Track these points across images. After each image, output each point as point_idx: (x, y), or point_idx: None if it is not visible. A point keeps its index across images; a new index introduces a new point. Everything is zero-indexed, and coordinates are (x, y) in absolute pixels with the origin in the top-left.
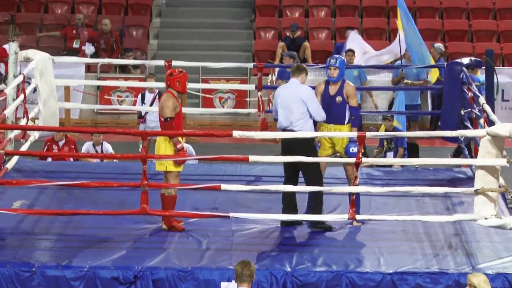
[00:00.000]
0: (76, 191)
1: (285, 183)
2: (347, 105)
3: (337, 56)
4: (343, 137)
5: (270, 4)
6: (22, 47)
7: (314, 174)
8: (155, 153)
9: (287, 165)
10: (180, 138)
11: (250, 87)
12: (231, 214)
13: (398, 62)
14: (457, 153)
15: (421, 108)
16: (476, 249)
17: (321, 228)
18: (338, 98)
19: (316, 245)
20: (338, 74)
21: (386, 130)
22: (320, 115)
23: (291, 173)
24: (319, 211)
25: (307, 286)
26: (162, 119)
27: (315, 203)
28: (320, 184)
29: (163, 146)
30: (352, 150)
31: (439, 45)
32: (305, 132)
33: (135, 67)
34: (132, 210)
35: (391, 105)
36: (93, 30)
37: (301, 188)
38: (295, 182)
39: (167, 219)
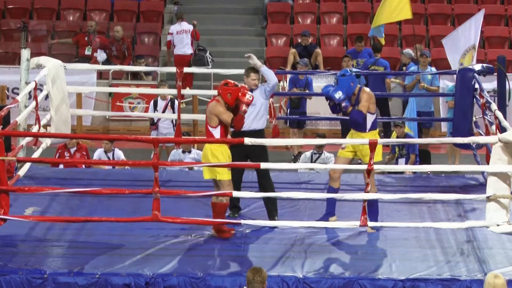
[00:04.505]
0: (88, 198)
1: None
2: (368, 114)
3: (338, 75)
4: (364, 145)
5: (281, 11)
6: (34, 54)
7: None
8: (202, 160)
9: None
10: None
11: None
12: (242, 221)
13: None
14: None
15: (434, 115)
16: (488, 255)
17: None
18: (356, 107)
19: (328, 251)
20: (342, 96)
21: (397, 137)
22: None
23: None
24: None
25: None
26: (210, 127)
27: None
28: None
29: (209, 154)
30: (338, 95)
31: (407, 50)
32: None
33: (147, 74)
34: (144, 217)
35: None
36: (105, 37)
37: (313, 195)
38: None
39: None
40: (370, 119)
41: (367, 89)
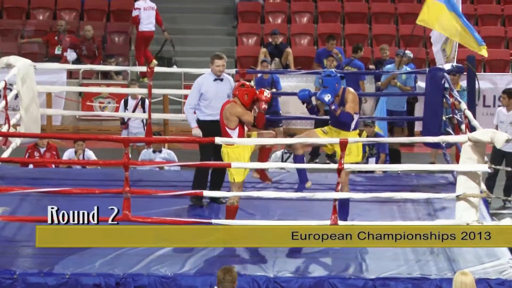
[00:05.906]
0: (59, 198)
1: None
2: (353, 113)
3: (323, 76)
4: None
5: (252, 11)
6: (4, 53)
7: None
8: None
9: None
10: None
11: None
12: (213, 221)
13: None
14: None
15: (407, 115)
16: (458, 254)
17: (197, 204)
18: (340, 109)
19: (298, 250)
20: (331, 98)
21: (367, 136)
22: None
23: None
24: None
25: None
26: (228, 129)
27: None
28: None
29: (226, 157)
30: (327, 97)
31: (408, 52)
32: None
33: (117, 73)
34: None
35: None
36: (75, 36)
37: (284, 194)
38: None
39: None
40: (355, 119)
41: (351, 90)
